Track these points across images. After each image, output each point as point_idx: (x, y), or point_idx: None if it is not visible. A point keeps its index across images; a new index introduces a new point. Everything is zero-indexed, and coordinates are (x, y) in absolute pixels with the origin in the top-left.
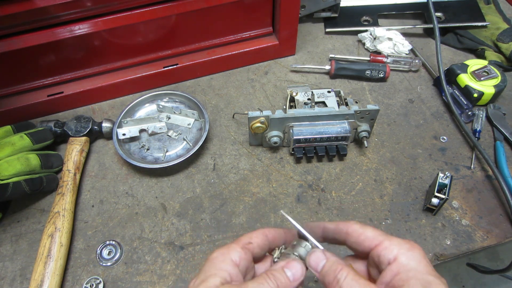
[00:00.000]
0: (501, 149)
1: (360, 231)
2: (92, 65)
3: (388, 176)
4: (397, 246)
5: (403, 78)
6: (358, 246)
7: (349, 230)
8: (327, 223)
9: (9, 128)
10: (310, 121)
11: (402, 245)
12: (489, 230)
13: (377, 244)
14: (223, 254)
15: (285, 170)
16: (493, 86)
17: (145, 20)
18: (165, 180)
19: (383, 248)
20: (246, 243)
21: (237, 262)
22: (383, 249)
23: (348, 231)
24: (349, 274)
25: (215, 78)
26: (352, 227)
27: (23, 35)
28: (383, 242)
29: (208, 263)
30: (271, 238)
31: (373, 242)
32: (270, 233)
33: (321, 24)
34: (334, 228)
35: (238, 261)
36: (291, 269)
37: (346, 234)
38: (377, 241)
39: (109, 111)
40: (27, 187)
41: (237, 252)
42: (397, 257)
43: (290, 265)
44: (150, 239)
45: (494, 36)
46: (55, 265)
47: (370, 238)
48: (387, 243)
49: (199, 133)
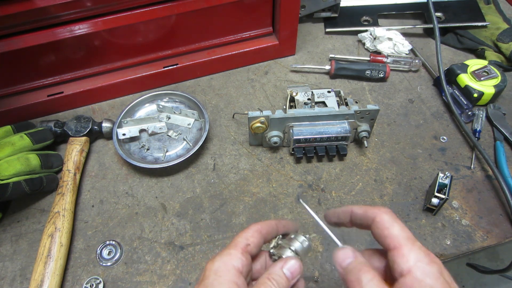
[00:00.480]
0: (501, 149)
1: (387, 225)
2: (92, 65)
3: (388, 176)
4: (415, 257)
5: (403, 78)
6: (379, 239)
7: (377, 219)
8: (355, 207)
9: (9, 128)
10: (310, 121)
11: (420, 257)
12: (489, 230)
13: (396, 247)
14: (226, 264)
15: (285, 170)
16: (493, 86)
17: (145, 20)
18: (165, 180)
19: (400, 255)
20: (244, 246)
21: (241, 270)
22: (400, 256)
23: (376, 219)
24: (374, 279)
25: (215, 78)
26: (381, 216)
27: (23, 35)
28: (402, 248)
29: (212, 276)
30: (265, 234)
31: (393, 243)
32: (263, 229)
33: (321, 24)
34: (362, 213)
35: (241, 269)
36: (289, 268)
37: (373, 221)
38: (397, 243)
39: (109, 111)
40: (27, 187)
41: (239, 260)
42: (412, 270)
43: (287, 264)
44: (150, 239)
45: (494, 36)
46: (55, 265)
47: (393, 237)
48: (406, 250)
49: (199, 133)
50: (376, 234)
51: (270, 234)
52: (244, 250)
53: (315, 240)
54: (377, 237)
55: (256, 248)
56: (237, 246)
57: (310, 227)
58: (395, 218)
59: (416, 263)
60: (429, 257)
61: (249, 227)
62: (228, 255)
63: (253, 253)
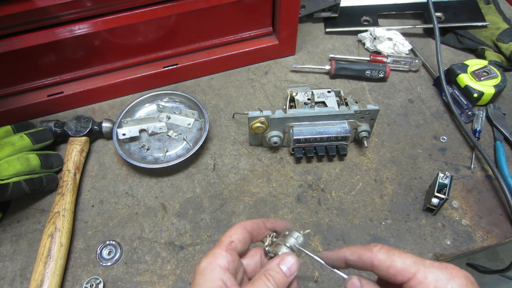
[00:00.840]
0: (501, 149)
1: (388, 263)
2: (92, 65)
3: (388, 176)
4: (433, 278)
5: (403, 78)
6: (389, 279)
7: (375, 263)
8: (347, 252)
9: (9, 128)
10: (310, 121)
11: (437, 276)
12: (489, 230)
13: (409, 277)
14: (211, 263)
15: (285, 170)
16: (493, 86)
17: (145, 20)
18: (165, 180)
19: (418, 283)
20: (228, 243)
21: (227, 267)
22: (418, 284)
23: (374, 263)
24: None
25: (215, 78)
26: (377, 258)
27: (23, 35)
28: (417, 275)
29: (198, 276)
30: (250, 230)
31: (405, 276)
32: (248, 226)
33: (321, 24)
34: (357, 260)
35: (227, 265)
36: (286, 264)
37: (373, 266)
38: (409, 274)
39: (109, 111)
40: (27, 187)
41: (224, 257)
42: None
43: (285, 260)
44: (150, 239)
45: (494, 36)
46: (55, 265)
47: (401, 270)
48: (421, 275)
49: (199, 133)
50: (383, 276)
51: (257, 231)
52: (228, 248)
53: (315, 240)
54: (386, 278)
55: (241, 244)
56: (221, 244)
57: (311, 226)
58: (389, 249)
59: (436, 284)
60: (446, 272)
61: (234, 225)
62: (212, 255)
63: (240, 249)
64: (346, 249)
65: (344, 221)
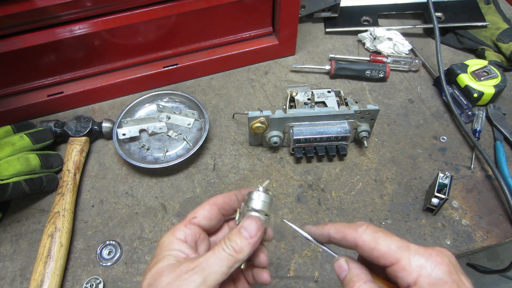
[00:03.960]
0: (501, 149)
1: (372, 245)
2: (92, 65)
3: (388, 176)
4: (416, 265)
5: (403, 78)
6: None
7: (359, 243)
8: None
9: (9, 128)
10: (310, 121)
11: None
12: (489, 230)
13: (393, 262)
14: (168, 237)
15: (285, 170)
16: (493, 86)
17: (145, 20)
18: (165, 180)
19: (401, 269)
20: (190, 219)
21: (183, 239)
22: (401, 270)
23: (358, 244)
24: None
25: (215, 78)
26: (361, 239)
27: (23, 35)
28: (400, 261)
29: (157, 249)
30: (222, 205)
31: (388, 260)
32: (219, 201)
33: (321, 24)
34: (341, 239)
35: (184, 238)
36: (245, 227)
37: (356, 247)
38: (393, 259)
39: (109, 111)
40: (27, 187)
41: (181, 231)
42: (418, 281)
43: (244, 224)
44: (150, 239)
45: (494, 36)
46: (55, 265)
47: (385, 254)
48: (405, 261)
49: (199, 133)
50: (367, 257)
51: (229, 205)
52: (188, 222)
53: None
54: (370, 260)
55: (206, 220)
56: (184, 220)
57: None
58: (375, 230)
59: (420, 271)
60: (431, 259)
61: (205, 201)
62: (171, 230)
63: (204, 225)
64: (331, 226)
65: (344, 221)
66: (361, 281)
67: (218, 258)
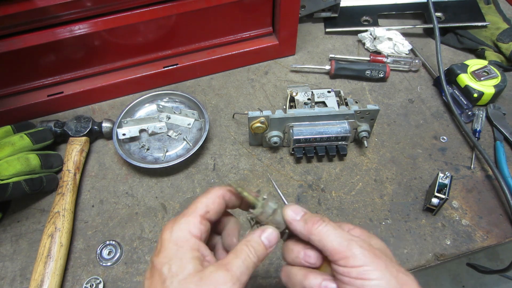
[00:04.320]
0: (501, 149)
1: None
2: (92, 65)
3: (388, 176)
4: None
5: (403, 78)
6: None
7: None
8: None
9: (9, 128)
10: (310, 121)
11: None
12: (489, 230)
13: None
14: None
15: (285, 170)
16: (493, 86)
17: (145, 20)
18: (165, 180)
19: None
20: (203, 213)
21: (200, 237)
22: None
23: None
24: (329, 224)
25: (215, 78)
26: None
27: (23, 35)
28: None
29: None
30: (228, 200)
31: (334, 256)
32: (227, 195)
33: (321, 24)
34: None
35: (200, 236)
36: (267, 237)
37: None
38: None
39: (109, 111)
40: (27, 187)
41: (197, 228)
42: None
43: (266, 232)
44: (150, 239)
45: (494, 36)
46: (55, 265)
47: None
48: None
49: (199, 133)
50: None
51: (233, 201)
52: (203, 218)
53: None
54: None
55: (215, 215)
56: (196, 212)
57: None
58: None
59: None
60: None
61: (211, 191)
62: (186, 223)
63: (212, 220)
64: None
65: (344, 221)
66: (323, 217)
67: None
